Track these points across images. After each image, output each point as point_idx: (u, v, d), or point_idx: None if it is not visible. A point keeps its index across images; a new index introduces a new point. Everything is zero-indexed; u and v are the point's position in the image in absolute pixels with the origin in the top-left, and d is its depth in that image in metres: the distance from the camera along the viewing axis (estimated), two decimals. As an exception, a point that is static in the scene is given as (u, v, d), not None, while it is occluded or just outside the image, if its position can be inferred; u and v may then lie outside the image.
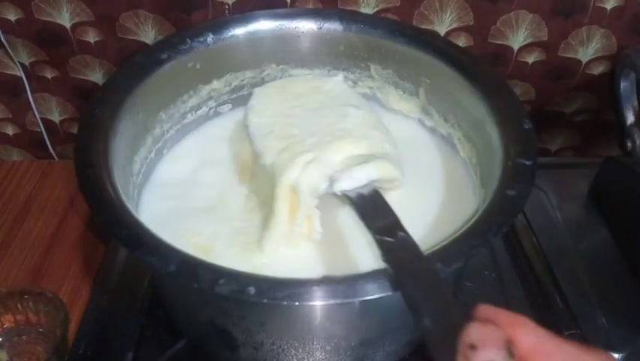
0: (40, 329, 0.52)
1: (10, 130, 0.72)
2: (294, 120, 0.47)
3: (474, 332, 0.24)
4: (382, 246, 0.35)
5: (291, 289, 0.31)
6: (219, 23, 0.50)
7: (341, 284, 0.32)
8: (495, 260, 0.57)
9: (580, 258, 0.58)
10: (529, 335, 0.23)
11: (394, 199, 0.47)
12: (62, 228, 0.64)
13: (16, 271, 0.60)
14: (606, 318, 0.53)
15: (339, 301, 0.32)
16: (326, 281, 0.33)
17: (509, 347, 0.23)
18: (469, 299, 0.52)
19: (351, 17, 0.52)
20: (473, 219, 0.37)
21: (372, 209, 0.40)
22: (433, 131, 0.54)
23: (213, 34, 0.49)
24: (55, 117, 0.70)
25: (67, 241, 0.63)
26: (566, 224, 0.61)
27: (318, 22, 0.52)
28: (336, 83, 0.52)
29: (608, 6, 0.61)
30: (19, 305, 0.52)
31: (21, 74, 0.66)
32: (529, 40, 0.63)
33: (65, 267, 0.60)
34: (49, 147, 0.73)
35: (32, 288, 0.52)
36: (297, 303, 0.31)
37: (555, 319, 0.51)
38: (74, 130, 0.71)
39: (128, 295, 0.54)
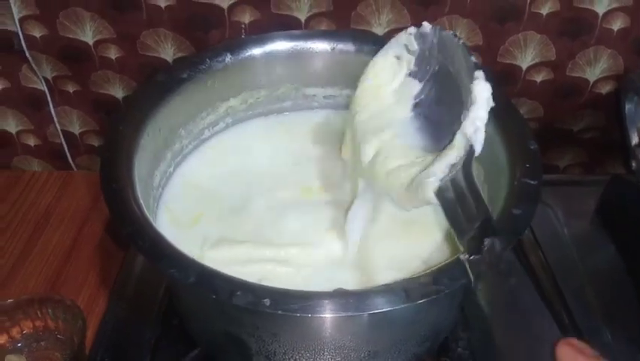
0: (59, 336, 0.54)
1: (31, 141, 0.74)
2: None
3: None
4: (472, 267, 0.32)
5: (304, 301, 0.33)
6: (237, 44, 0.52)
7: (352, 297, 0.34)
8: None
9: (586, 274, 0.59)
10: None
11: (400, 215, 0.49)
12: (81, 237, 0.66)
13: (36, 278, 0.62)
14: (611, 333, 0.53)
15: (350, 313, 0.33)
16: (338, 294, 0.34)
17: None
18: (476, 312, 0.54)
19: (363, 38, 0.53)
20: (479, 237, 0.38)
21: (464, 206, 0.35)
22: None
23: (231, 54, 0.51)
24: (76, 130, 0.73)
25: (85, 250, 0.64)
26: (573, 240, 0.62)
27: (332, 43, 0.53)
28: None
29: (615, 27, 0.62)
30: (38, 312, 0.53)
31: (44, 88, 0.69)
32: (537, 60, 0.65)
33: (83, 275, 0.62)
34: (69, 158, 0.75)
35: (52, 295, 0.53)
36: (309, 315, 0.32)
37: (561, 333, 0.52)
38: (94, 142, 0.74)
39: (144, 304, 0.56)
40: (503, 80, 0.66)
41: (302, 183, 0.52)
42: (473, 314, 0.53)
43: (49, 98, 0.69)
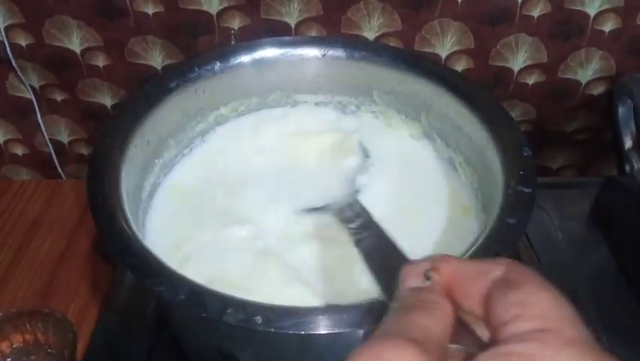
0: (49, 350, 0.53)
1: (19, 150, 0.73)
2: None
3: (405, 269, 0.26)
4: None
5: (297, 318, 0.32)
6: (226, 51, 0.51)
7: (346, 313, 0.33)
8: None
9: (581, 277, 0.58)
10: (449, 262, 0.26)
11: (398, 220, 0.49)
12: (70, 247, 0.65)
13: (25, 289, 0.61)
14: (608, 338, 0.53)
15: (343, 330, 0.33)
16: (331, 310, 0.33)
17: (428, 274, 0.25)
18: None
19: (354, 45, 0.53)
20: (474, 248, 0.37)
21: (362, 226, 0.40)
22: (435, 154, 0.54)
23: (220, 62, 0.50)
24: (64, 138, 0.72)
25: (75, 260, 0.63)
26: (567, 243, 0.62)
27: (322, 50, 0.53)
28: None
29: (606, 28, 0.62)
30: (27, 325, 0.53)
31: (31, 96, 0.68)
32: (529, 62, 0.65)
33: (73, 286, 0.61)
34: (58, 166, 0.74)
35: (41, 308, 0.53)
36: (303, 332, 0.32)
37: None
38: (82, 150, 0.73)
39: (136, 316, 0.55)
40: (495, 83, 0.66)
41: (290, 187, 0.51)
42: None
43: (36, 107, 0.68)
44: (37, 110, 0.69)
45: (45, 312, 0.52)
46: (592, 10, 0.61)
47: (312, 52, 0.53)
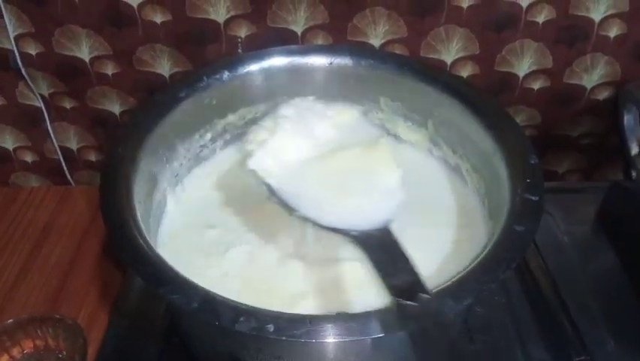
0: (60, 355, 0.53)
1: (29, 158, 0.74)
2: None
3: None
4: (403, 310, 0.32)
5: (307, 326, 0.33)
6: (234, 61, 0.52)
7: (355, 321, 0.34)
8: (504, 285, 0.58)
9: (588, 282, 0.58)
10: None
11: (405, 229, 0.49)
12: (80, 253, 0.65)
13: (36, 296, 0.61)
14: (615, 343, 0.53)
15: (354, 338, 0.33)
16: (341, 318, 0.34)
17: None
18: (479, 324, 0.54)
19: (360, 53, 0.54)
20: (482, 256, 0.38)
21: (389, 260, 0.35)
22: (442, 161, 0.55)
23: (229, 71, 0.51)
24: (73, 145, 0.72)
25: (85, 266, 0.64)
26: (574, 248, 0.62)
27: (329, 58, 0.53)
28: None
29: (611, 34, 0.62)
30: (38, 331, 0.53)
31: (41, 104, 0.68)
32: (534, 68, 0.65)
33: (83, 292, 0.62)
34: (67, 173, 0.75)
35: (52, 314, 0.53)
36: (314, 340, 0.32)
37: (565, 345, 0.52)
38: (91, 157, 0.73)
39: (147, 321, 0.55)
40: (501, 89, 0.66)
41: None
42: (477, 327, 0.53)
43: (45, 115, 0.69)
44: (46, 117, 0.69)
45: (56, 318, 0.53)
46: (597, 16, 0.61)
47: (319, 60, 0.54)
